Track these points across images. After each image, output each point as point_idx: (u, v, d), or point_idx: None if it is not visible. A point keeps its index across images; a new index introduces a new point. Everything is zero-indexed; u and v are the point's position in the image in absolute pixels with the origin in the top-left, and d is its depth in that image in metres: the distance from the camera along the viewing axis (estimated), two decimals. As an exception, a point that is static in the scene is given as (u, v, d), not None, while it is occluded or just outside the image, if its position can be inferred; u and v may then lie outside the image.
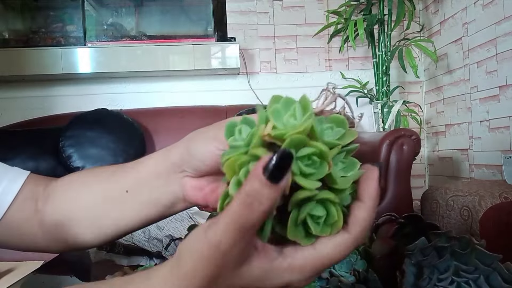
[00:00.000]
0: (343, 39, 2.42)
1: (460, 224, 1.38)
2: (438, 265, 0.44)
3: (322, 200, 0.25)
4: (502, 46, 1.90)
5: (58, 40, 2.32)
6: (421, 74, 2.65)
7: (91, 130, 1.97)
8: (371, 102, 2.44)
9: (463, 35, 2.21)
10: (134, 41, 2.36)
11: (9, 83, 2.37)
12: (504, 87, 1.91)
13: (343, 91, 2.51)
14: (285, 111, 0.27)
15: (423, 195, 1.76)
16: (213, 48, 2.33)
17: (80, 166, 1.89)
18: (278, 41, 2.60)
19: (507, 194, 1.28)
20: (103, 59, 2.26)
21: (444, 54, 2.41)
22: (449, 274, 0.43)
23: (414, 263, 0.45)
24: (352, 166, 0.27)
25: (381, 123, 2.30)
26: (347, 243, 0.26)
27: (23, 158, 1.87)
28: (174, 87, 2.50)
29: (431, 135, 2.62)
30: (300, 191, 0.25)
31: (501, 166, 1.62)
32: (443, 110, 2.45)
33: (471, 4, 2.13)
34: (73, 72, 2.25)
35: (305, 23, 2.61)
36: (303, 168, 0.25)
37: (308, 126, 0.25)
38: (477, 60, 2.09)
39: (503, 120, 1.93)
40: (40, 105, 2.39)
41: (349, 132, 0.28)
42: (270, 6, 2.59)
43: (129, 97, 2.46)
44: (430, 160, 2.64)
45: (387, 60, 2.32)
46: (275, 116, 0.26)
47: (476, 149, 2.15)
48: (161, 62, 2.30)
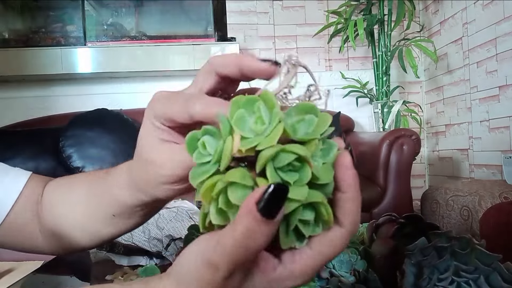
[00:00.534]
0: (343, 39, 2.42)
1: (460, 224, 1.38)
2: (438, 265, 0.44)
3: (310, 203, 0.24)
4: (502, 46, 1.90)
5: (58, 40, 2.32)
6: (421, 74, 2.65)
7: (91, 130, 1.96)
8: (371, 102, 2.44)
9: (463, 35, 2.21)
10: (134, 41, 2.36)
11: (9, 83, 2.37)
12: (504, 87, 1.91)
13: (343, 91, 2.51)
14: (249, 115, 0.25)
15: (423, 195, 1.76)
16: (213, 48, 2.33)
17: (80, 166, 1.89)
18: (278, 41, 2.60)
19: (507, 194, 1.29)
20: (103, 59, 2.26)
21: (444, 54, 2.41)
22: (449, 274, 0.43)
23: (414, 263, 0.45)
24: (330, 149, 0.25)
25: (381, 123, 2.30)
26: (342, 237, 0.25)
27: (23, 158, 1.87)
28: (174, 87, 2.47)
29: (431, 135, 2.62)
30: (289, 203, 0.23)
31: (501, 166, 1.63)
32: (443, 110, 2.45)
33: (471, 4, 2.13)
34: (73, 72, 2.25)
35: (305, 23, 2.61)
36: (286, 177, 0.23)
37: (279, 132, 0.23)
38: (477, 60, 2.09)
39: (503, 120, 1.93)
40: (40, 105, 2.39)
41: (322, 117, 0.25)
42: (270, 6, 2.59)
43: (129, 97, 2.46)
44: (430, 160, 2.64)
45: (387, 60, 2.32)
46: (240, 124, 0.24)
47: (476, 149, 2.15)
48: (161, 62, 2.29)
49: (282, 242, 0.24)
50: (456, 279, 0.43)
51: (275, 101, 0.24)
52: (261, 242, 0.22)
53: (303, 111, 0.25)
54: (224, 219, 0.24)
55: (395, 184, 1.75)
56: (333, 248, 0.25)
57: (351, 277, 0.51)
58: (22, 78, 2.31)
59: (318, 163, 0.25)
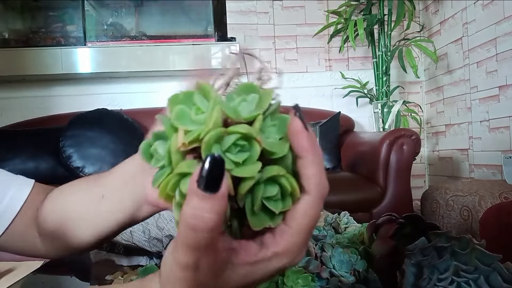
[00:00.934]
0: (343, 39, 2.43)
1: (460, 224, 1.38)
2: (438, 265, 0.44)
3: (270, 178, 0.24)
4: (502, 46, 1.90)
5: (58, 40, 2.32)
6: (421, 74, 2.65)
7: (91, 130, 1.96)
8: (371, 102, 2.44)
9: (463, 35, 2.21)
10: (134, 41, 2.36)
11: (9, 83, 2.37)
12: (504, 87, 1.91)
13: (343, 91, 2.51)
14: (189, 108, 0.25)
15: (423, 195, 1.76)
16: (213, 48, 2.33)
17: (80, 166, 1.89)
18: (278, 41, 2.60)
19: (507, 194, 1.28)
20: (103, 59, 2.26)
21: (444, 54, 2.41)
22: (449, 274, 0.43)
23: (414, 263, 0.45)
24: (284, 122, 0.25)
25: (381, 123, 2.30)
26: (313, 204, 0.25)
27: (23, 158, 1.87)
28: (174, 87, 2.49)
29: (431, 135, 2.62)
30: (244, 183, 0.23)
31: (501, 166, 1.63)
32: (443, 110, 2.45)
33: (471, 4, 2.13)
34: (73, 72, 2.25)
35: (305, 23, 2.61)
36: (234, 158, 0.23)
37: (218, 116, 0.23)
38: (477, 60, 2.09)
39: (503, 120, 1.93)
40: (40, 105, 2.39)
41: (264, 93, 0.25)
42: (270, 6, 2.59)
43: (129, 97, 2.46)
44: (430, 160, 2.64)
45: (387, 60, 2.32)
46: (181, 118, 0.24)
47: (476, 149, 2.15)
48: (161, 62, 2.30)
49: (252, 223, 0.24)
50: (456, 279, 0.43)
51: (210, 88, 0.24)
52: (210, 220, 0.22)
53: (244, 92, 0.25)
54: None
55: (395, 184, 1.75)
56: (308, 218, 0.25)
57: (351, 277, 0.51)
58: (22, 78, 2.31)
59: (275, 138, 0.24)
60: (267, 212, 0.24)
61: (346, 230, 0.87)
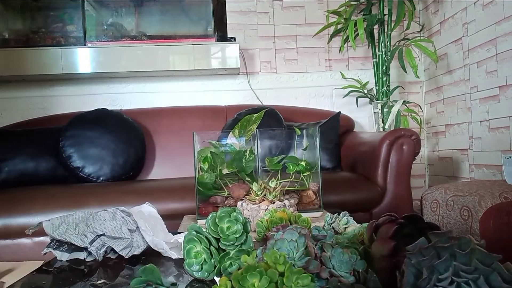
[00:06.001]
0: (343, 39, 2.43)
1: (460, 224, 1.38)
2: (438, 266, 0.44)
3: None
4: (502, 46, 1.90)
5: (58, 40, 2.33)
6: (421, 74, 2.65)
7: (91, 130, 1.96)
8: (371, 102, 2.44)
9: (463, 35, 2.21)
10: (134, 41, 2.37)
11: (9, 83, 2.37)
12: (504, 87, 1.91)
13: (343, 91, 2.51)
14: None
15: (423, 195, 1.76)
16: (213, 48, 2.33)
17: (80, 166, 1.89)
18: (278, 41, 2.60)
19: (507, 194, 1.28)
20: (103, 59, 2.26)
21: (444, 54, 2.41)
22: (449, 274, 0.43)
23: (414, 263, 0.45)
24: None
25: (381, 123, 2.30)
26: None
27: (23, 158, 1.87)
28: (174, 87, 2.50)
29: (431, 135, 2.62)
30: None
31: (501, 166, 1.63)
32: (443, 110, 2.45)
33: (471, 4, 2.13)
34: (73, 72, 2.25)
35: (305, 23, 2.61)
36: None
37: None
38: (477, 60, 2.09)
39: (503, 120, 1.93)
40: (40, 105, 2.39)
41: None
42: (270, 6, 2.59)
43: (129, 97, 2.47)
44: (430, 160, 2.64)
45: (387, 60, 2.32)
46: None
47: (476, 149, 2.15)
48: (161, 62, 2.30)
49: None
50: (456, 279, 0.43)
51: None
52: None
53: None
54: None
55: (395, 184, 1.75)
56: None
57: (351, 277, 0.51)
58: (22, 78, 2.31)
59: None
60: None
61: (346, 230, 0.87)
